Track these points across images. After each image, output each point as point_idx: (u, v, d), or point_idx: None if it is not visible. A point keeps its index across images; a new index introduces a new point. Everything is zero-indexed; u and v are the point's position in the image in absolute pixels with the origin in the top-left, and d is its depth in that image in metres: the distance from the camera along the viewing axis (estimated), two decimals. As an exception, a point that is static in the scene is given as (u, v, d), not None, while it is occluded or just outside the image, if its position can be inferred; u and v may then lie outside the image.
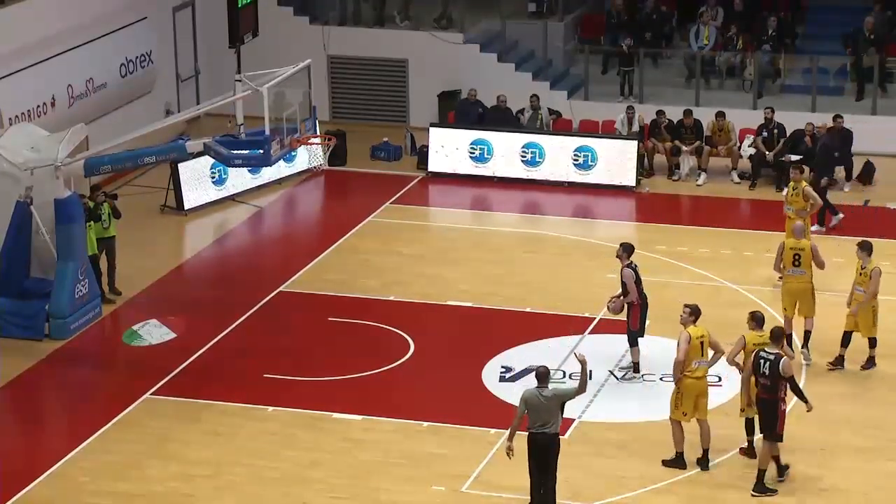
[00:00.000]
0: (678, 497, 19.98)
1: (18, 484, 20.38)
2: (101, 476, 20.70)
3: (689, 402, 20.54)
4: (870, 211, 30.41)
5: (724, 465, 20.78)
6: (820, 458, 20.93)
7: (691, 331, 20.40)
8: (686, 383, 20.42)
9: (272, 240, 29.79)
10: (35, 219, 25.00)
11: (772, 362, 19.64)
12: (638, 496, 20.00)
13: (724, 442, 21.21)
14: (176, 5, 35.06)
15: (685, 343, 20.29)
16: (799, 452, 21.02)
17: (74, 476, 20.73)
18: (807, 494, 20.05)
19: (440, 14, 36.01)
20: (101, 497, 20.17)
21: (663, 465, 20.70)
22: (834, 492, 20.13)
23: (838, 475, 20.54)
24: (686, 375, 20.40)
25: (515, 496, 19.92)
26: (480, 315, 25.20)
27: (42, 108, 29.74)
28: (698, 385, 20.50)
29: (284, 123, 24.56)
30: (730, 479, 20.39)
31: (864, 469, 20.69)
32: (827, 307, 24.04)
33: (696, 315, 20.52)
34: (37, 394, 23.73)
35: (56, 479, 20.65)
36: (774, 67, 34.76)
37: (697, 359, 20.40)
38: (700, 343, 20.37)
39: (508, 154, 32.09)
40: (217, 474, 20.74)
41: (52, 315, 24.84)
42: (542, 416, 18.76)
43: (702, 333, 20.47)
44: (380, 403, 22.64)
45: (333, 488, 20.35)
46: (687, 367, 20.37)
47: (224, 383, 23.27)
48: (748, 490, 20.05)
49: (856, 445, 21.29)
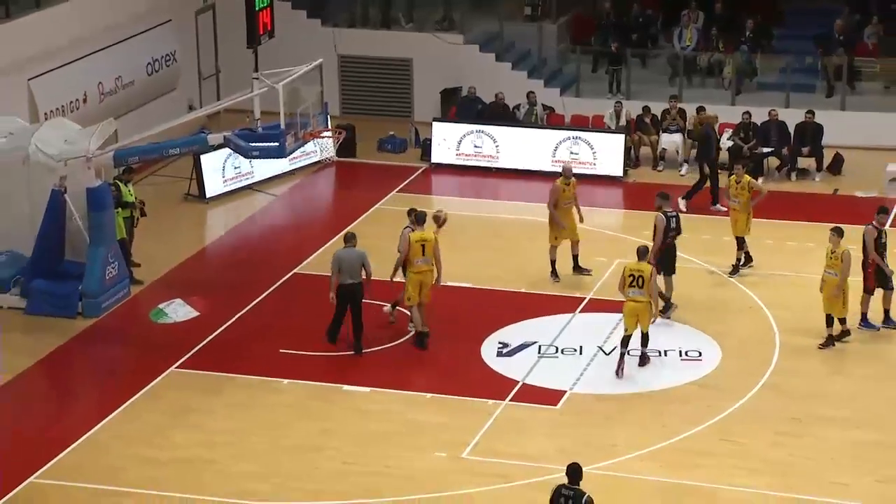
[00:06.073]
0: (660, 463, 20.00)
1: (54, 450, 20.43)
2: (129, 443, 20.76)
3: (414, 291, 23.08)
4: (839, 199, 30.42)
5: (702, 434, 20.79)
6: (792, 427, 20.98)
7: (412, 235, 23.05)
8: (411, 276, 23.09)
9: (287, 226, 29.80)
10: (68, 206, 25.03)
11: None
12: (624, 462, 20.02)
13: (700, 413, 21.31)
14: (198, 9, 35.05)
15: (405, 243, 23.07)
16: (772, 422, 21.13)
17: (105, 443, 20.79)
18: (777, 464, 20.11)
19: (442, 16, 36.02)
20: (129, 462, 20.22)
21: (418, 346, 23.15)
22: (803, 459, 20.18)
23: (810, 442, 20.60)
24: (411, 271, 23.05)
25: (512, 462, 19.99)
26: (480, 295, 25.23)
27: (75, 103, 29.78)
28: (419, 277, 23.05)
29: (298, 118, 24.54)
30: (707, 447, 20.43)
31: (835, 437, 20.75)
32: (798, 288, 24.13)
33: (420, 222, 23.20)
34: (70, 367, 23.78)
35: (88, 445, 20.71)
36: (751, 66, 34.75)
37: (419, 258, 23.00)
38: (421, 245, 22.96)
39: (505, 146, 32.14)
40: (237, 442, 20.79)
41: (85, 295, 24.88)
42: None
43: (422, 237, 23.03)
44: (386, 377, 22.67)
45: (344, 455, 20.39)
46: (410, 264, 23.07)
47: (243, 358, 23.30)
48: (724, 456, 20.13)
49: (828, 416, 21.35)
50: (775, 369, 22.75)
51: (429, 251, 23.23)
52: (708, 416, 21.24)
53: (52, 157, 25.18)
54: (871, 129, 32.52)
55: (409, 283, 23.28)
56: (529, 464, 19.88)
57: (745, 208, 25.73)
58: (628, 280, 22.51)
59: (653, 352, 23.02)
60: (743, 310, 24.93)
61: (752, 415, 21.36)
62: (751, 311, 24.87)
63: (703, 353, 23.26)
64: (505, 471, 19.79)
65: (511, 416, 21.47)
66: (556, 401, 21.89)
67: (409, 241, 23.18)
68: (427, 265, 23.27)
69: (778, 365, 22.89)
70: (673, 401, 21.84)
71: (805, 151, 31.39)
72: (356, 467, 20.06)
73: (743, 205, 25.73)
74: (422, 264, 23.20)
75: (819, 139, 31.46)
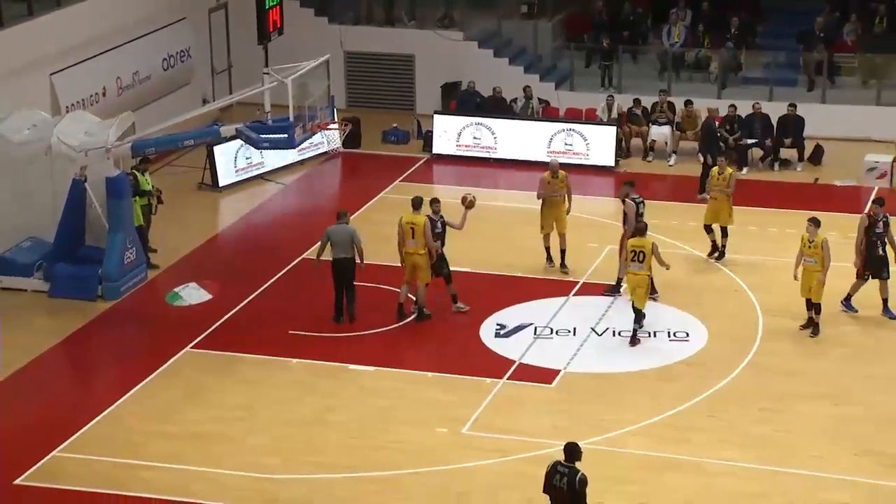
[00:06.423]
0: (650, 437, 19.99)
1: (75, 425, 20.44)
2: (147, 419, 20.75)
3: (408, 271, 23.32)
4: (819, 187, 30.34)
5: (689, 410, 20.77)
6: (775, 404, 20.94)
7: (403, 218, 23.28)
8: (405, 257, 23.31)
9: (295, 213, 29.74)
10: (89, 194, 24.98)
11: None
12: (616, 437, 20.01)
13: (688, 391, 21.26)
14: (211, 7, 34.98)
15: (400, 228, 23.27)
16: (756, 399, 21.06)
17: (124, 419, 20.79)
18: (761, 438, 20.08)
19: (443, 14, 35.90)
20: (147, 436, 20.23)
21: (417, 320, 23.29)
22: (785, 433, 20.16)
23: (791, 418, 20.56)
24: (406, 252, 23.17)
25: (509, 437, 19.97)
26: (478, 279, 25.17)
27: (94, 97, 29.71)
28: (412, 258, 23.21)
29: (306, 111, 24.48)
30: (695, 423, 20.41)
31: (815, 413, 20.70)
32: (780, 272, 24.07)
33: (415, 207, 23.32)
34: (91, 347, 23.75)
35: (108, 421, 20.70)
36: (736, 62, 34.65)
37: (409, 240, 23.13)
38: (410, 228, 23.08)
39: (503, 138, 32.03)
40: (248, 417, 20.78)
41: (104, 278, 24.83)
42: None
43: (412, 220, 23.11)
44: (390, 356, 22.65)
45: (349, 430, 20.38)
46: (403, 246, 23.18)
47: (254, 339, 23.26)
48: (712, 431, 20.10)
49: (808, 393, 21.30)
50: (759, 349, 22.71)
51: (418, 234, 23.24)
52: (695, 394, 21.21)
53: (73, 148, 25.12)
54: (850, 121, 32.47)
55: (404, 264, 23.44)
56: (526, 439, 19.86)
57: (727, 198, 25.60)
58: (630, 255, 22.61)
59: (643, 332, 22.95)
60: (728, 293, 24.87)
61: (737, 392, 21.33)
62: (735, 294, 24.81)
63: (690, 333, 23.21)
64: (502, 445, 19.76)
65: (508, 393, 21.43)
66: (550, 379, 21.84)
67: (399, 224, 23.30)
68: (414, 247, 23.27)
69: (761, 345, 22.84)
70: (662, 379, 21.79)
71: (787, 143, 31.31)
72: (361, 441, 20.04)
73: (726, 195, 25.59)
74: (410, 246, 23.25)
75: (800, 131, 31.37)
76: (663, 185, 30.50)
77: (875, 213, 23.55)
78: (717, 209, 25.69)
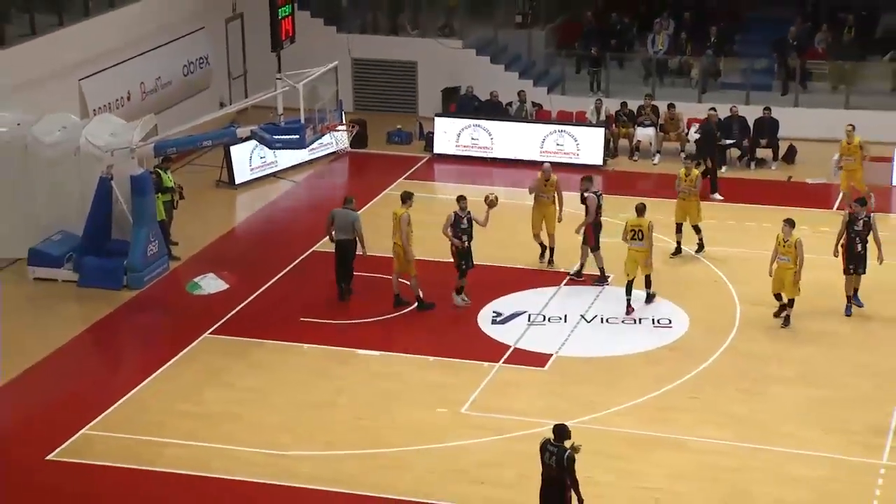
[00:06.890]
0: (636, 417, 20.09)
1: (102, 406, 20.56)
2: (167, 400, 20.85)
3: (395, 262, 23.35)
4: (793, 185, 30.43)
5: (672, 392, 20.88)
6: (751, 386, 21.08)
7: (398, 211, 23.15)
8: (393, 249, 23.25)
9: (306, 209, 29.76)
10: (115, 191, 25.07)
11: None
12: (604, 416, 20.10)
13: (672, 373, 21.39)
14: (228, 17, 35.03)
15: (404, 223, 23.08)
16: (734, 381, 21.21)
17: (146, 400, 20.89)
18: (738, 418, 20.19)
19: (443, 24, 35.96)
20: (167, 416, 20.33)
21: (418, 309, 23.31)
22: (760, 413, 20.29)
23: (766, 399, 20.70)
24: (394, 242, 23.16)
25: (505, 417, 20.07)
26: (477, 269, 25.18)
27: (120, 101, 29.81)
28: (395, 248, 23.17)
29: (316, 113, 24.55)
30: (677, 403, 20.53)
31: (788, 394, 20.84)
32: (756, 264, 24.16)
33: (403, 200, 23.25)
34: (116, 333, 23.85)
35: (132, 402, 20.82)
36: (715, 68, 34.75)
37: (395, 231, 23.06)
38: (394, 220, 23.04)
39: (499, 139, 32.14)
40: (262, 399, 20.87)
41: (129, 269, 24.93)
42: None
43: (394, 213, 23.17)
44: (395, 342, 22.73)
45: (357, 410, 20.49)
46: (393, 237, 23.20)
47: (268, 326, 23.33)
48: (693, 411, 20.22)
49: (782, 376, 21.44)
50: (736, 336, 22.81)
51: (395, 226, 23.32)
52: (678, 376, 21.32)
53: (100, 149, 25.22)
54: (821, 123, 32.41)
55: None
56: (520, 418, 19.96)
57: (695, 198, 25.66)
58: (629, 234, 23.09)
59: (629, 320, 23.12)
60: (708, 283, 24.97)
61: (717, 375, 21.44)
62: (715, 284, 24.91)
63: (673, 320, 23.33)
64: (499, 425, 19.87)
65: (504, 376, 21.54)
66: (543, 363, 21.96)
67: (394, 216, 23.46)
68: (393, 238, 23.41)
69: (739, 332, 22.95)
70: (647, 363, 21.91)
71: (763, 143, 31.41)
72: (367, 421, 20.15)
73: (694, 195, 25.64)
74: (394, 237, 23.40)
75: (775, 133, 31.48)
76: (648, 182, 30.61)
77: (856, 212, 23.52)
78: (686, 208, 25.76)
